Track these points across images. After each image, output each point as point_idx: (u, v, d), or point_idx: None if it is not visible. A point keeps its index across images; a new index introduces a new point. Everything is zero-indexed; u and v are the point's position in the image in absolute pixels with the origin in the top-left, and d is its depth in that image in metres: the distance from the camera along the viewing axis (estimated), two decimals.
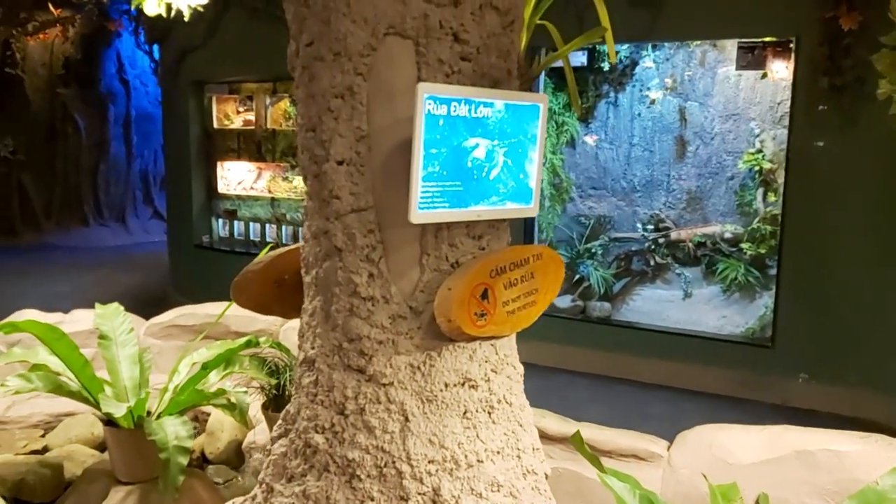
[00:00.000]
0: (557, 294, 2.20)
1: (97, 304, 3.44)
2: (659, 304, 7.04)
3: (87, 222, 12.63)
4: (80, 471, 3.09)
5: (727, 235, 6.83)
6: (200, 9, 3.55)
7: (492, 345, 2.05)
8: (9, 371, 3.09)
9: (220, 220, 8.26)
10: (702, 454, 2.65)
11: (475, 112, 1.86)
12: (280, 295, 2.25)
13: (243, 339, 3.03)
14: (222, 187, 8.15)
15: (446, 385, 1.94)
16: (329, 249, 1.96)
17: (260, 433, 3.33)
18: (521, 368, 2.17)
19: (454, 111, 1.82)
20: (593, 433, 2.75)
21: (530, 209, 2.07)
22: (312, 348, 2.03)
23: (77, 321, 3.90)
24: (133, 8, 3.33)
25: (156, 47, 8.97)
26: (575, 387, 6.27)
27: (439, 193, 1.85)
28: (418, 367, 1.92)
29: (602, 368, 6.52)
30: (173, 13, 3.52)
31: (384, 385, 1.91)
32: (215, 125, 8.11)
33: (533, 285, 2.08)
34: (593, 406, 5.91)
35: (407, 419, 1.91)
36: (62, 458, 3.17)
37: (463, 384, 1.97)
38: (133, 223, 13.14)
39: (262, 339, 3.22)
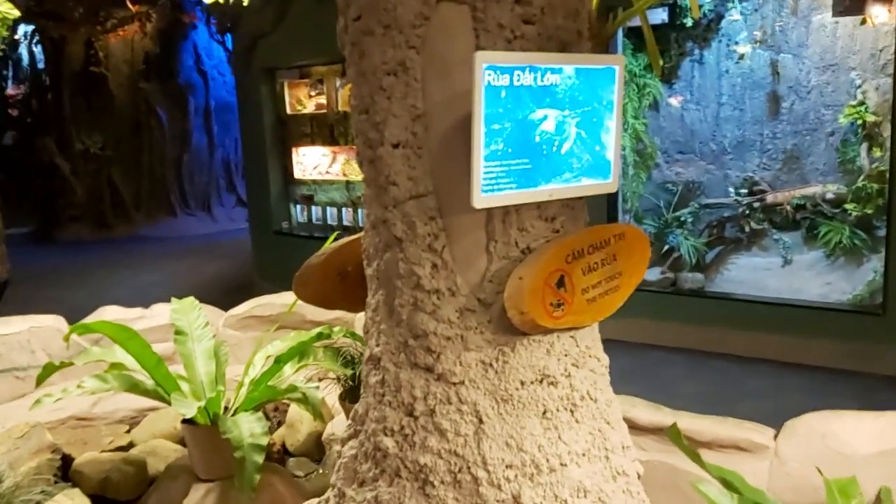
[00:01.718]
0: (644, 274, 1.99)
1: (173, 299, 3.43)
2: (756, 273, 6.63)
3: (174, 212, 13.00)
4: (164, 466, 3.09)
5: (829, 196, 6.34)
6: None
7: (571, 336, 1.86)
8: (92, 369, 3.10)
9: (298, 206, 8.29)
10: (813, 445, 2.39)
11: (542, 80, 1.67)
12: (344, 288, 2.13)
13: (315, 332, 2.94)
14: (298, 173, 8.17)
15: (522, 383, 1.77)
16: (389, 240, 1.81)
17: (339, 424, 3.26)
18: (605, 360, 1.97)
19: (517, 81, 1.63)
20: (690, 423, 2.53)
21: (609, 184, 1.86)
22: (377, 345, 1.89)
23: (156, 315, 3.93)
24: None
25: (228, 37, 9.04)
26: (668, 364, 5.99)
27: (504, 173, 1.66)
28: (490, 365, 1.75)
29: (696, 343, 6.20)
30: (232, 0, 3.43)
31: (454, 384, 1.75)
32: (288, 111, 8.11)
33: (615, 269, 1.88)
34: (688, 384, 5.63)
35: (481, 421, 1.75)
36: (146, 454, 3.18)
37: (541, 381, 1.79)
38: (218, 211, 13.46)
39: (336, 329, 3.13)
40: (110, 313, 3.91)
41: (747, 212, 6.76)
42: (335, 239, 2.58)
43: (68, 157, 12.74)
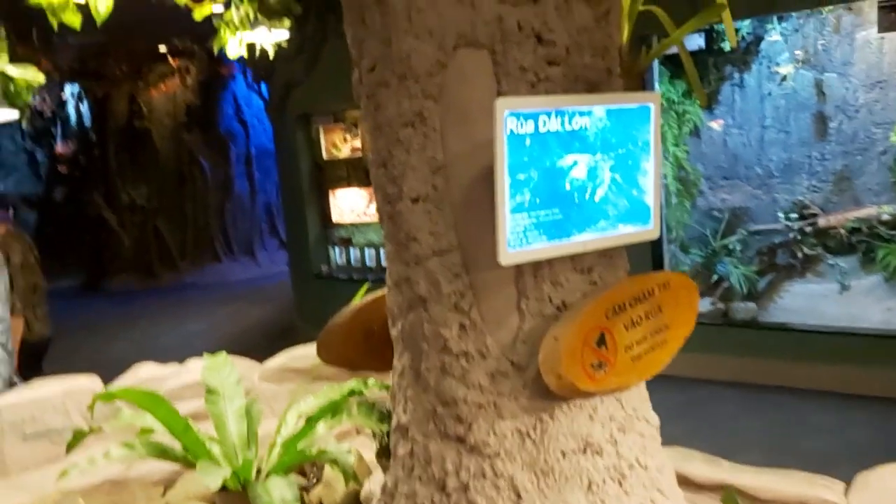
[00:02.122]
0: (693, 326, 1.83)
1: (205, 355, 3.35)
2: (812, 301, 6.33)
3: (218, 258, 13.14)
4: None
5: (885, 217, 6.06)
6: (284, 45, 3.41)
7: (616, 399, 1.71)
8: (124, 432, 3.03)
9: (337, 249, 8.26)
10: (890, 502, 2.17)
11: (570, 124, 1.54)
12: (369, 348, 2.01)
13: (347, 387, 2.82)
14: (336, 216, 8.15)
15: (564, 453, 1.62)
16: (412, 299, 1.69)
17: (376, 482, 3.11)
18: (655, 420, 1.81)
19: (543, 126, 1.51)
20: (751, 479, 2.33)
21: (649, 231, 1.72)
22: (405, 413, 1.76)
23: (192, 371, 3.85)
24: (215, 51, 3.24)
25: (264, 85, 9.16)
26: (722, 400, 5.72)
27: (533, 226, 1.54)
28: (527, 434, 1.61)
29: (752, 377, 5.92)
30: (258, 52, 3.40)
31: (489, 457, 1.61)
32: (324, 156, 8.13)
33: (661, 321, 1.73)
34: (745, 420, 5.36)
35: (519, 496, 1.60)
36: None
37: (584, 450, 1.64)
38: (261, 255, 13.57)
39: (370, 381, 3.00)
40: (145, 370, 3.86)
41: (799, 237, 6.49)
42: (366, 292, 2.48)
43: (115, 210, 13.02)
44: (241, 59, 10.44)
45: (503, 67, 1.56)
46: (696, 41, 6.31)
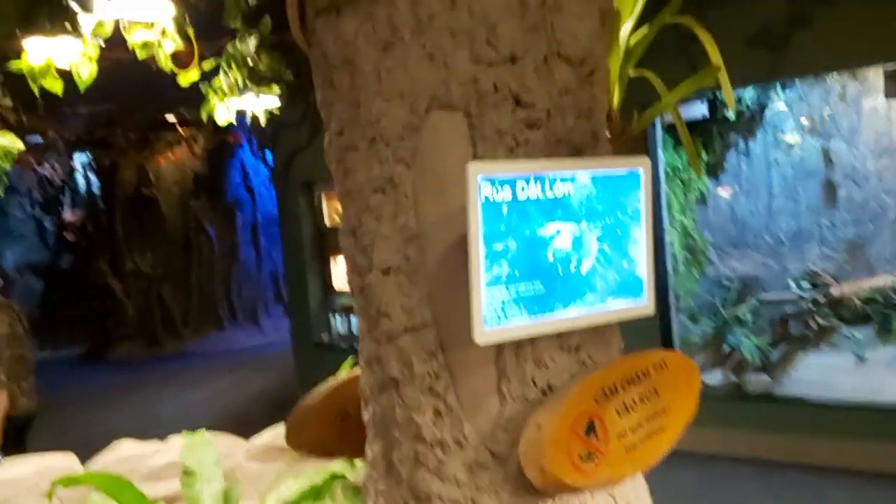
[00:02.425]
0: (694, 411, 1.66)
1: (184, 433, 3.20)
2: (828, 373, 6.10)
3: (222, 326, 13.01)
4: None
5: None
6: (276, 111, 3.35)
7: (609, 494, 1.54)
8: None
9: (338, 317, 8.12)
10: None
11: (551, 190, 1.42)
12: (345, 433, 1.85)
13: (331, 470, 2.65)
14: (337, 283, 8.04)
15: None
16: (384, 380, 1.55)
17: None
18: None
19: (522, 193, 1.39)
20: None
21: (643, 306, 1.58)
22: None
23: (172, 449, 3.67)
24: (203, 118, 3.19)
25: (268, 153, 9.21)
26: (738, 477, 5.45)
27: (512, 300, 1.40)
28: None
29: (768, 452, 5.65)
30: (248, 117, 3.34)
31: None
32: (327, 223, 8.07)
33: (658, 405, 1.57)
34: (763, 499, 5.09)
35: None
36: None
37: None
38: (266, 323, 13.42)
39: (357, 463, 2.82)
40: (125, 448, 3.68)
41: (812, 307, 6.31)
42: (352, 366, 2.33)
43: (120, 277, 12.97)
44: (246, 128, 10.51)
45: (479, 131, 1.45)
46: (700, 109, 6.27)
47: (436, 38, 1.41)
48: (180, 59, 2.98)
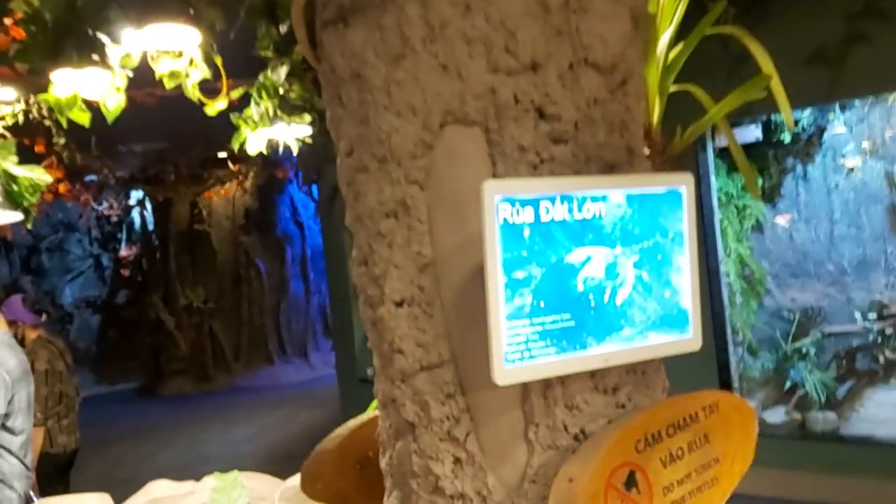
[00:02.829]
0: (751, 459, 1.47)
1: (215, 474, 3.08)
2: None
3: (272, 361, 13.02)
4: None
5: None
6: (309, 140, 3.28)
7: None
8: None
9: None
10: None
11: (580, 211, 1.27)
12: (364, 480, 1.70)
13: None
14: (363, 328, 7.91)
15: None
16: (399, 425, 1.40)
17: None
18: None
19: (546, 214, 1.24)
20: None
21: (688, 340, 1.40)
22: None
23: (206, 490, 3.57)
24: (235, 149, 3.13)
25: (315, 187, 9.23)
26: None
27: (538, 335, 1.25)
28: None
29: (836, 496, 5.27)
30: (282, 149, 3.28)
31: None
32: None
33: (709, 454, 1.38)
34: None
35: None
36: None
37: None
38: (315, 357, 13.39)
39: None
40: (158, 489, 3.58)
41: (880, 339, 5.93)
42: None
43: (173, 312, 13.12)
44: (293, 163, 10.59)
45: (499, 147, 1.31)
46: (754, 133, 6.02)
47: (449, 46, 1.28)
48: (214, 92, 2.94)
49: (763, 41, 1.89)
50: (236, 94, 2.77)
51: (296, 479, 3.78)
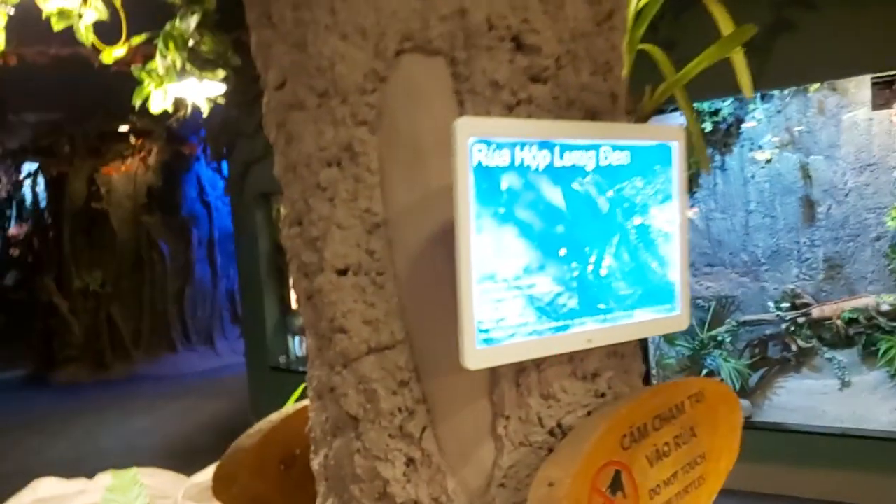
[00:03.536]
0: (736, 454, 1.31)
1: (112, 472, 2.75)
2: (810, 398, 5.83)
3: (175, 348, 12.38)
4: None
5: (884, 308, 5.65)
6: (220, 100, 2.95)
7: None
8: None
9: (297, 339, 7.63)
10: None
11: (561, 160, 1.06)
12: (290, 482, 1.45)
13: None
14: (296, 303, 7.58)
15: None
16: (339, 419, 1.16)
17: None
18: None
19: (525, 161, 1.02)
20: None
21: (676, 317, 1.22)
22: None
23: (99, 489, 3.21)
24: (136, 105, 2.78)
25: (224, 163, 8.76)
26: None
27: (514, 309, 1.03)
28: None
29: (747, 483, 5.32)
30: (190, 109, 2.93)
31: None
32: None
33: (696, 449, 1.21)
34: None
35: None
36: None
37: None
38: (221, 345, 12.82)
39: None
40: (45, 488, 3.19)
41: (792, 328, 6.05)
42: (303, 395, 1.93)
43: (67, 295, 12.29)
44: (202, 138, 10.05)
45: (467, 83, 1.08)
46: (677, 120, 6.01)
47: None
48: (124, 59, 2.59)
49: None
50: (137, 40, 2.42)
51: (201, 476, 3.46)
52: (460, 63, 1.08)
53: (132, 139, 10.68)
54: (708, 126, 6.23)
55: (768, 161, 6.34)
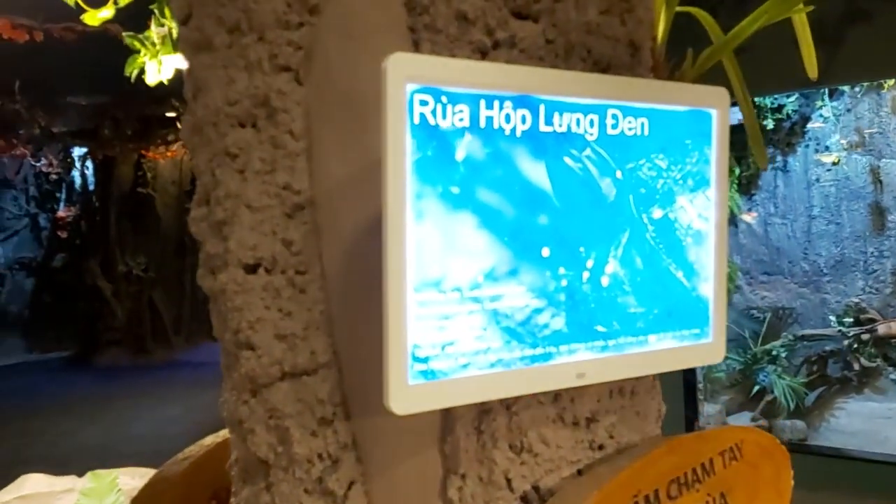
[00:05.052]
0: None
1: (89, 475, 2.56)
2: (871, 422, 5.37)
3: (214, 336, 12.37)
4: None
5: None
6: None
7: None
8: None
9: None
10: None
11: (548, 124, 0.76)
12: None
13: None
14: None
15: None
16: (248, 462, 0.88)
17: None
18: None
19: (494, 122, 0.72)
20: None
21: (708, 347, 0.90)
22: None
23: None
24: (132, 76, 2.56)
25: None
26: None
27: (469, 327, 0.73)
28: None
29: None
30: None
31: None
32: None
33: None
34: None
35: None
36: None
37: None
38: None
39: None
40: (32, 484, 3.04)
41: (855, 345, 5.59)
42: None
43: (111, 279, 12.39)
44: None
45: (425, 16, 0.79)
46: (735, 115, 5.59)
47: None
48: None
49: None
50: (125, 1, 2.19)
51: None
52: None
53: (178, 124, 10.64)
54: (770, 124, 5.79)
55: (835, 163, 5.88)
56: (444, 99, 0.70)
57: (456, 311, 0.72)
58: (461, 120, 0.71)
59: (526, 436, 0.81)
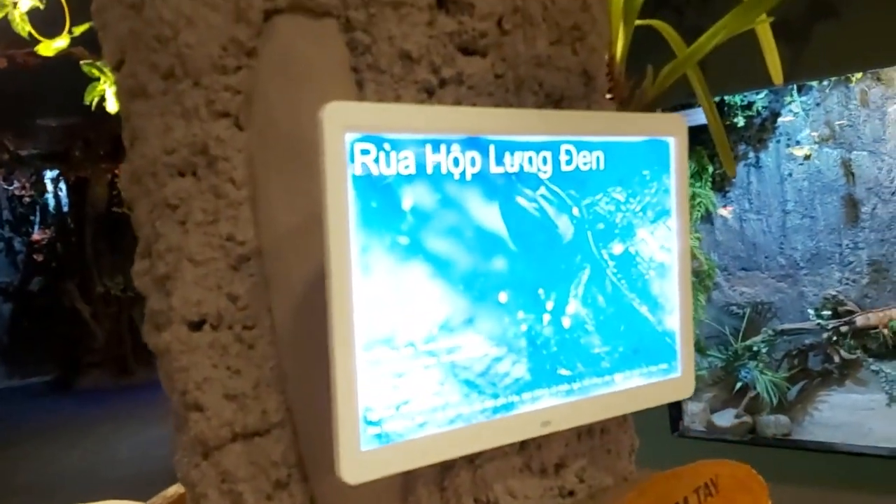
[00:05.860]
0: None
1: None
2: (855, 415, 5.37)
3: None
4: None
5: None
6: None
7: None
8: None
9: None
10: None
11: (499, 165, 0.73)
12: None
13: None
14: None
15: None
16: None
17: None
18: None
19: (441, 167, 0.69)
20: None
21: (677, 382, 0.87)
22: None
23: None
24: (91, 104, 2.50)
25: None
26: None
27: (423, 384, 0.70)
28: None
29: None
30: None
31: None
32: None
33: None
34: None
35: None
36: None
37: None
38: None
39: None
40: None
41: (834, 338, 5.60)
42: None
43: (89, 300, 12.23)
44: None
45: (369, 56, 0.75)
46: (703, 116, 5.61)
47: None
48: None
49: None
50: (80, 30, 2.13)
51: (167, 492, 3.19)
52: (357, 26, 0.75)
53: None
54: (741, 121, 5.81)
55: (807, 157, 5.90)
56: (386, 146, 0.66)
57: (410, 368, 0.69)
58: (406, 167, 0.67)
59: (492, 489, 0.78)
